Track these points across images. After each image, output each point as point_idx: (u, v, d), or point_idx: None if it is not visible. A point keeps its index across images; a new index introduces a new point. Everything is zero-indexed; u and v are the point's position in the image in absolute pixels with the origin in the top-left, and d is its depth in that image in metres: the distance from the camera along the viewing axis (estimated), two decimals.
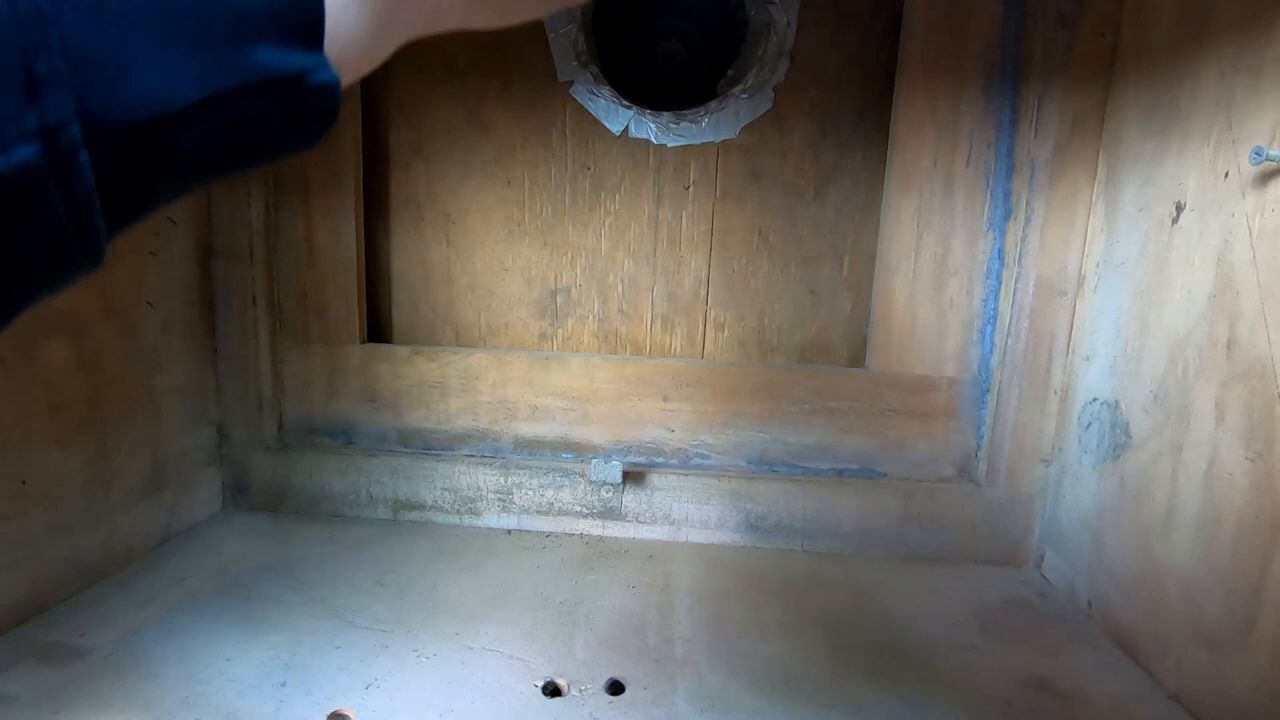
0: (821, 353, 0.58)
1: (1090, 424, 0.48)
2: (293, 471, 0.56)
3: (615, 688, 0.37)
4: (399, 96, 0.56)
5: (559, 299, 0.59)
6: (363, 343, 0.56)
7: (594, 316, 0.58)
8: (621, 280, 0.58)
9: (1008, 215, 0.51)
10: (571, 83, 0.55)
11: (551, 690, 0.37)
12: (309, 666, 0.37)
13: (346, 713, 0.34)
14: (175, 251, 0.50)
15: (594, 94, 0.55)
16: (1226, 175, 0.37)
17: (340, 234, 0.54)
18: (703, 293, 0.58)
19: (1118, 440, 0.45)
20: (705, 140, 0.55)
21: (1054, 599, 0.49)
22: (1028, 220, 0.51)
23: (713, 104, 0.55)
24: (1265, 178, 0.34)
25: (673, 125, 0.55)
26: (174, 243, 0.50)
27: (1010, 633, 0.44)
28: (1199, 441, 0.38)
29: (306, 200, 0.54)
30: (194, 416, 0.53)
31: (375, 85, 0.55)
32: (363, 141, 0.55)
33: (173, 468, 0.51)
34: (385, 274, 0.59)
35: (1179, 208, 0.40)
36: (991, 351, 0.53)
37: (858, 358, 0.57)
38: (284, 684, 0.36)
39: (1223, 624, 0.35)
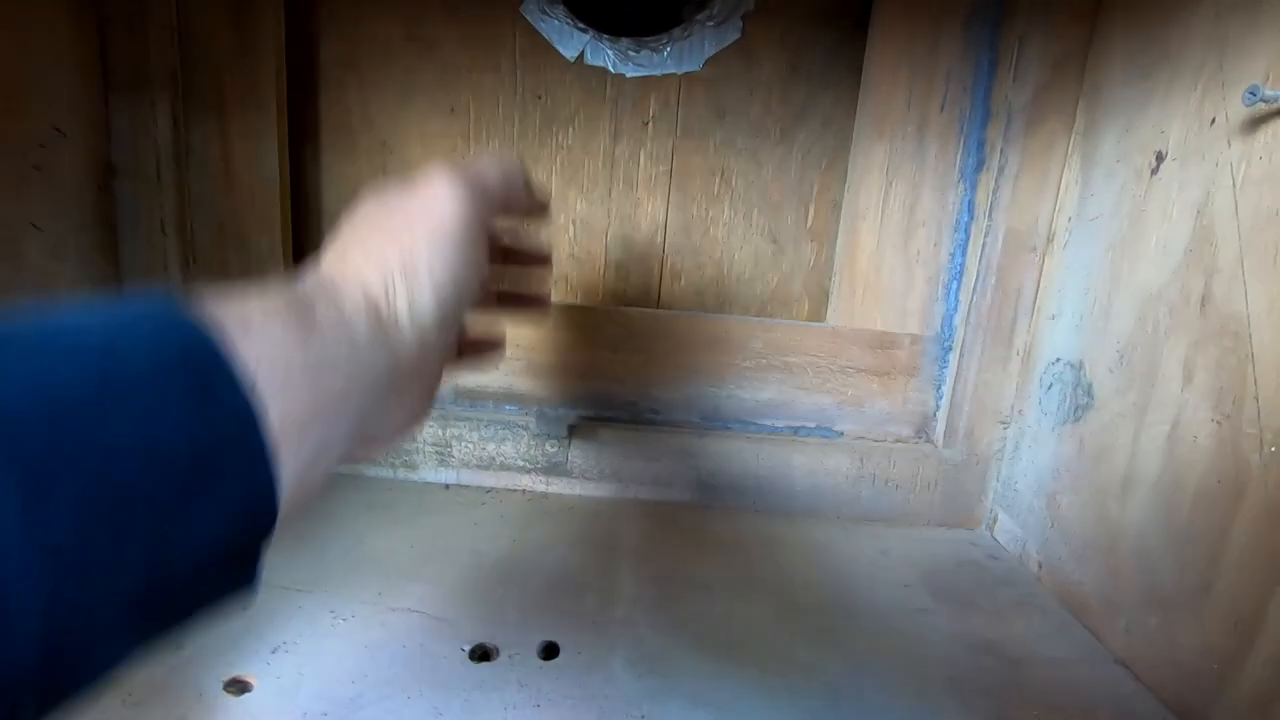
0: (782, 305, 0.55)
1: (1052, 385, 0.46)
2: None
3: (549, 651, 0.35)
4: (329, 4, 0.50)
5: None
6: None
7: None
8: (573, 222, 0.54)
9: (980, 166, 0.49)
10: (522, 0, 0.50)
11: (480, 654, 0.34)
12: (212, 629, 0.34)
13: (247, 679, 0.31)
14: (66, 167, 0.44)
15: (546, 14, 0.50)
16: (1213, 122, 0.35)
17: (261, 157, 0.49)
18: (659, 238, 0.54)
19: (1079, 402, 0.43)
20: (667, 71, 0.51)
21: (1005, 561, 0.48)
22: (1001, 171, 0.48)
23: (676, 31, 0.51)
24: (1255, 123, 0.32)
25: (632, 53, 0.51)
26: (64, 157, 0.44)
27: (960, 596, 0.43)
28: (1164, 403, 0.36)
29: (222, 116, 0.48)
30: None
31: None
32: (288, 54, 0.49)
33: None
34: (315, 204, 0.54)
35: (1159, 157, 0.38)
36: (956, 308, 0.51)
37: (819, 311, 0.55)
38: (181, 648, 0.32)
39: (1176, 589, 0.35)
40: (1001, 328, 0.50)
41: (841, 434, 0.53)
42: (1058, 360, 0.46)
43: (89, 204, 0.46)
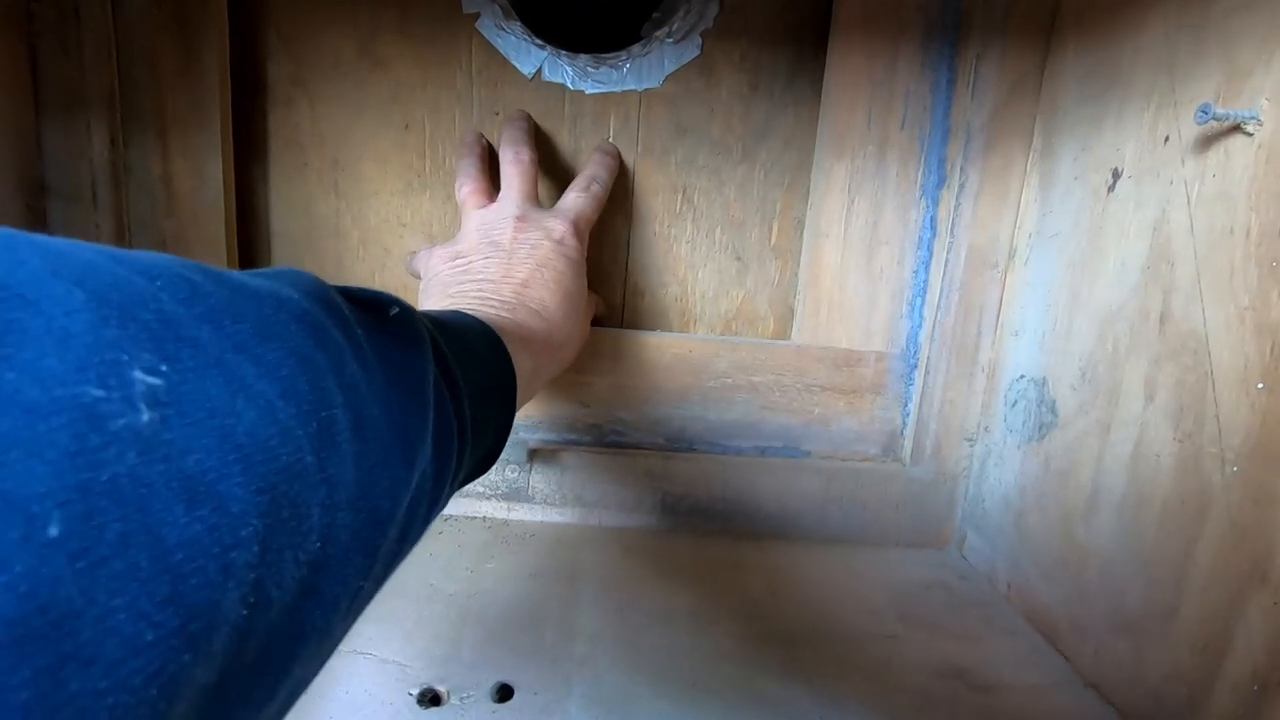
0: (747, 323, 0.54)
1: (1016, 402, 0.46)
2: None
3: (503, 693, 0.33)
4: (277, 20, 0.49)
5: None
6: None
7: None
8: None
9: (941, 183, 0.49)
10: (478, 15, 0.49)
11: (430, 699, 0.32)
12: None
13: None
14: None
15: (503, 29, 0.49)
16: (1166, 140, 0.35)
17: (206, 175, 0.47)
18: (621, 257, 0.53)
19: (1044, 419, 0.43)
20: (627, 88, 0.50)
21: (974, 582, 0.47)
22: (961, 188, 0.48)
23: (636, 48, 0.50)
24: (1207, 141, 0.32)
25: (591, 70, 0.50)
26: None
27: (930, 619, 0.43)
28: (1126, 421, 0.36)
29: (163, 135, 0.46)
30: None
31: (249, 4, 0.48)
32: (234, 69, 0.47)
33: None
34: (263, 225, 0.52)
35: (1115, 175, 0.38)
36: (921, 325, 0.50)
37: (784, 329, 0.54)
38: None
39: (1143, 611, 0.34)
40: (966, 344, 0.50)
41: (809, 454, 0.52)
42: (1022, 377, 0.46)
43: (16, 228, 0.44)
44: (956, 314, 0.49)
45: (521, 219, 0.41)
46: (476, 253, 0.40)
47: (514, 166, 0.44)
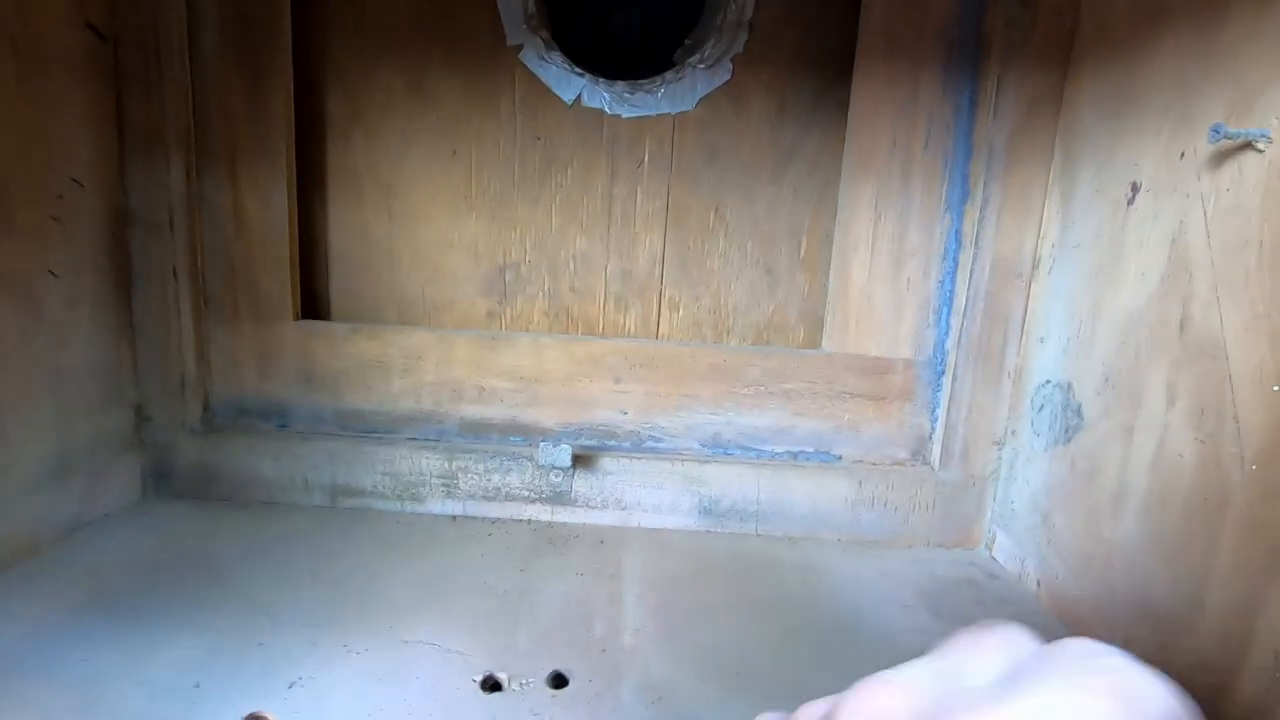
0: (778, 333, 0.57)
1: (1043, 406, 0.48)
2: (220, 455, 0.52)
3: (558, 681, 0.36)
4: (335, 60, 0.53)
5: (508, 276, 0.56)
6: (297, 319, 0.53)
7: (544, 295, 0.56)
8: (573, 258, 0.56)
9: (965, 198, 0.51)
10: (521, 47, 0.52)
11: (491, 685, 0.35)
12: (228, 666, 0.35)
13: (265, 715, 0.31)
14: (83, 218, 0.46)
15: (544, 60, 0.52)
16: (1182, 156, 0.37)
17: (271, 204, 0.51)
18: (657, 271, 0.56)
19: (1069, 422, 0.45)
20: (661, 112, 0.53)
21: (1004, 580, 0.49)
22: (985, 203, 0.50)
23: (669, 74, 0.53)
24: (1221, 157, 0.34)
25: (627, 95, 0.53)
26: (81, 208, 0.46)
27: (960, 615, 0.44)
28: (1149, 424, 0.38)
29: (233, 167, 0.50)
30: (108, 397, 0.49)
31: (309, 47, 0.52)
32: (296, 106, 0.51)
33: (83, 452, 0.47)
34: (322, 248, 0.55)
35: (1134, 189, 0.40)
36: (947, 333, 0.52)
37: (814, 339, 0.56)
38: (198, 685, 0.33)
39: (1168, 604, 0.35)
40: (992, 351, 0.51)
41: (840, 458, 0.54)
42: (1047, 382, 0.48)
43: (104, 251, 0.48)
44: (982, 322, 0.51)
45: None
46: None
47: None
